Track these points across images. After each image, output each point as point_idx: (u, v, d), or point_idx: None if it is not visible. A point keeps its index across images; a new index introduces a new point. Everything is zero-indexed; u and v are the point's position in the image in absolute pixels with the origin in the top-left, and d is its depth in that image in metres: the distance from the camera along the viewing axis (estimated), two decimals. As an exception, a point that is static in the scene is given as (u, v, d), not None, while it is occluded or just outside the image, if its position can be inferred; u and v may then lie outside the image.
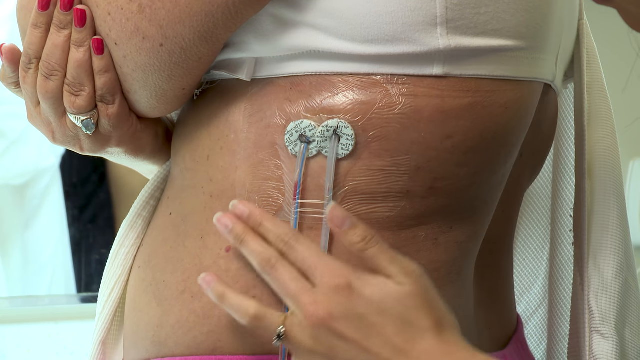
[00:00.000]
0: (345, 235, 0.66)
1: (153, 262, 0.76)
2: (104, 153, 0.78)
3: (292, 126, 0.69)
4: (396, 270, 0.65)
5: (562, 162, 0.91)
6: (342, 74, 0.68)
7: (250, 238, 0.68)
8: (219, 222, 0.69)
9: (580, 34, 0.83)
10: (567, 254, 0.90)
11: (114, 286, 0.80)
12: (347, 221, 0.66)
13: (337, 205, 0.67)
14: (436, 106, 0.68)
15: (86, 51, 0.71)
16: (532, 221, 0.96)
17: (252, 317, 0.67)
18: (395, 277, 0.65)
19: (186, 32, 0.68)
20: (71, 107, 0.73)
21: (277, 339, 0.66)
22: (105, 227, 1.89)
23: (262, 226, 0.68)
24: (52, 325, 1.82)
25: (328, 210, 0.66)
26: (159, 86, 0.71)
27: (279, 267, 0.66)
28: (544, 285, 0.95)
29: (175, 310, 0.72)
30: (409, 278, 0.64)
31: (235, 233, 0.68)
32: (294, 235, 0.67)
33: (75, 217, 1.88)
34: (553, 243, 0.93)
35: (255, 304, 0.67)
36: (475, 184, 0.72)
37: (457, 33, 0.67)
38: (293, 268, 0.66)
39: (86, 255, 1.89)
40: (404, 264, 0.65)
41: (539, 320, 0.96)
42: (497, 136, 0.71)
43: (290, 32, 0.68)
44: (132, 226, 0.81)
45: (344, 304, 0.64)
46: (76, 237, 1.88)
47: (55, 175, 1.84)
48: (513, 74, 0.70)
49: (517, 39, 0.69)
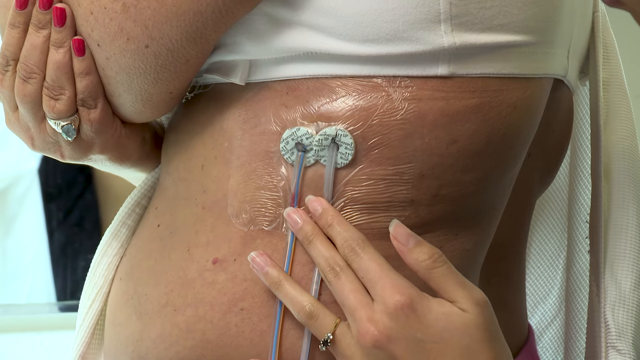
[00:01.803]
0: (410, 253, 0.67)
1: (135, 274, 0.77)
2: (87, 160, 0.79)
3: (288, 134, 0.70)
4: (464, 296, 0.66)
5: (579, 164, 0.91)
6: (341, 77, 0.69)
7: (319, 240, 0.70)
8: (289, 217, 0.70)
9: (595, 26, 0.83)
10: (584, 263, 0.91)
11: (94, 298, 0.81)
12: (412, 239, 0.67)
13: (399, 223, 0.68)
14: (441, 109, 0.69)
15: (66, 52, 0.71)
16: (548, 228, 0.97)
17: (307, 313, 0.68)
18: (462, 303, 0.66)
19: (173, 32, 0.69)
20: (50, 112, 0.73)
21: (322, 344, 0.68)
22: (92, 231, 1.90)
23: (332, 227, 0.70)
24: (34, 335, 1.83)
25: (392, 228, 0.68)
26: (145, 90, 0.72)
27: (342, 276, 0.68)
28: (560, 295, 0.96)
29: (156, 324, 0.74)
30: (477, 307, 0.66)
31: (304, 232, 0.70)
32: (362, 242, 0.68)
33: (60, 221, 1.89)
34: (569, 251, 0.94)
35: (312, 301, 0.69)
36: (482, 188, 0.73)
37: (462, 30, 0.68)
38: (356, 279, 0.68)
39: (72, 260, 1.90)
40: (472, 290, 0.67)
41: (555, 333, 0.97)
42: (505, 138, 0.72)
43: (285, 33, 0.69)
44: (115, 235, 0.82)
45: (403, 326, 0.65)
46: (61, 241, 1.89)
47: (33, 179, 1.86)
48: (522, 71, 0.71)
49: (525, 34, 0.70)
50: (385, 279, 0.66)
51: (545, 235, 0.97)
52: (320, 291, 0.71)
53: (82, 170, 1.87)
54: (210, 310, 0.72)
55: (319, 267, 0.69)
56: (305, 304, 0.69)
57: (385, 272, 0.67)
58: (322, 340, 0.68)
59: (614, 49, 0.85)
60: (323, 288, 0.71)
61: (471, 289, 0.67)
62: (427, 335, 0.65)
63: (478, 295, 0.67)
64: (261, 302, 0.71)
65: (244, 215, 0.72)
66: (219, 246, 0.73)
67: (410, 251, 0.67)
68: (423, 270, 0.67)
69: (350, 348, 0.67)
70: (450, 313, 0.66)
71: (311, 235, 0.70)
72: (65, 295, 1.90)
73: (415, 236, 0.68)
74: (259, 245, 0.72)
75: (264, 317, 0.71)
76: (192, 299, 0.73)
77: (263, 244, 0.72)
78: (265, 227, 0.72)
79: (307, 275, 0.71)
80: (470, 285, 0.67)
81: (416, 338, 0.65)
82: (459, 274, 0.67)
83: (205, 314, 0.72)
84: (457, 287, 0.66)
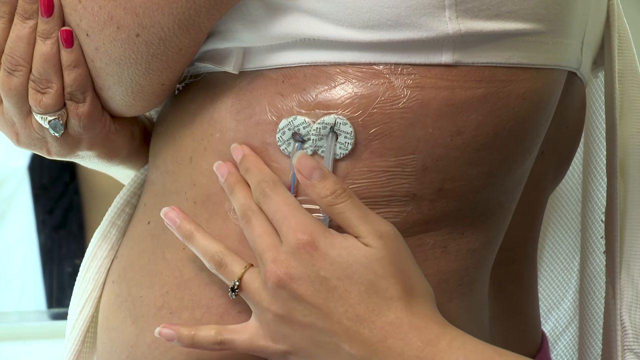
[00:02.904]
0: (313, 187, 0.67)
1: (128, 276, 0.77)
2: (74, 157, 0.79)
3: (284, 123, 0.70)
4: (367, 230, 0.66)
5: (593, 160, 0.91)
6: (340, 64, 0.69)
7: (238, 188, 0.70)
8: (218, 170, 0.71)
9: (611, 15, 0.83)
10: (600, 264, 0.91)
11: (84, 303, 0.81)
12: (317, 172, 0.67)
13: (306, 154, 0.68)
14: (445, 98, 0.69)
15: (53, 44, 0.72)
16: (561, 228, 0.97)
17: (215, 262, 0.70)
18: (365, 238, 0.66)
19: (165, 20, 0.69)
20: (37, 106, 0.73)
21: (230, 291, 0.69)
22: (77, 234, 1.90)
23: (248, 172, 0.70)
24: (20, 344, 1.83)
25: (295, 159, 0.68)
26: (136, 81, 0.72)
27: (253, 220, 0.69)
28: (575, 300, 0.96)
29: (152, 328, 0.73)
30: (380, 240, 0.66)
31: (228, 183, 0.71)
32: (272, 183, 0.69)
33: (45, 223, 1.89)
34: (584, 252, 0.93)
35: (222, 249, 0.70)
36: (489, 184, 0.72)
37: (467, 16, 0.68)
38: (267, 222, 0.68)
39: (57, 265, 1.89)
40: (377, 223, 0.67)
41: (570, 340, 0.96)
42: (513, 131, 0.71)
43: (282, 18, 0.69)
44: (105, 236, 0.82)
45: (305, 264, 0.66)
46: (47, 245, 1.89)
47: (23, 178, 1.85)
48: (532, 61, 0.71)
49: (535, 22, 0.70)
50: (290, 218, 0.67)
51: (558, 235, 0.96)
52: None
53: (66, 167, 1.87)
54: (208, 313, 0.72)
55: (237, 213, 0.70)
56: (214, 252, 0.70)
57: (292, 212, 0.67)
58: (230, 288, 0.69)
59: (628, 39, 0.85)
60: None
61: (376, 222, 0.67)
62: (330, 273, 0.66)
63: (383, 228, 0.67)
64: None
65: None
66: None
67: (314, 186, 0.67)
68: (325, 207, 0.67)
69: (258, 292, 0.68)
70: (352, 248, 0.66)
71: (233, 184, 0.70)
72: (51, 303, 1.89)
73: (321, 169, 0.68)
74: None
75: None
76: (188, 301, 0.73)
77: None
78: None
79: None
80: (376, 218, 0.67)
81: (320, 276, 0.66)
82: (363, 208, 0.67)
83: (202, 317, 0.72)
84: (359, 222, 0.66)
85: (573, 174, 0.94)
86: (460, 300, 0.74)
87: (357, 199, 0.68)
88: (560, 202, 0.95)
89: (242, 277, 0.69)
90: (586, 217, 0.93)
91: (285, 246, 0.67)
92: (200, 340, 0.70)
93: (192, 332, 0.70)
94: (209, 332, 0.70)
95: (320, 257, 0.66)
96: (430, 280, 0.71)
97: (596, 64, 0.86)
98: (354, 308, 0.65)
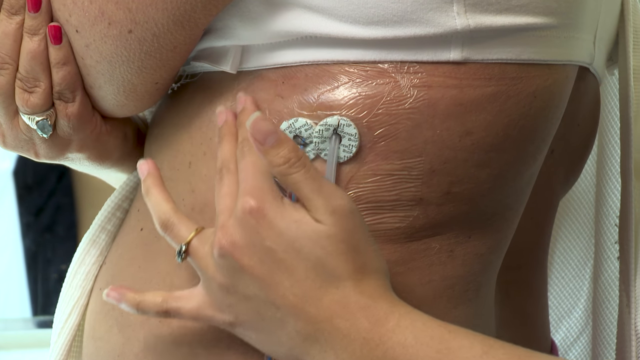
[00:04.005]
0: (266, 154, 0.66)
1: (117, 283, 0.77)
2: (64, 159, 0.79)
3: (285, 126, 0.70)
4: (319, 204, 0.65)
5: (607, 161, 0.91)
6: (343, 63, 0.69)
7: (226, 140, 0.69)
8: (219, 115, 0.71)
9: (625, 9, 0.83)
10: (614, 271, 0.91)
11: (71, 311, 0.81)
12: (272, 137, 0.65)
13: (263, 117, 0.67)
14: (453, 98, 0.69)
15: (41, 40, 0.72)
16: (573, 232, 0.97)
17: (162, 222, 0.69)
18: (316, 212, 0.65)
19: (159, 15, 0.69)
20: (24, 106, 0.73)
21: (177, 255, 0.68)
22: (67, 237, 1.89)
23: (241, 126, 0.69)
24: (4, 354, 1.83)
25: (249, 122, 0.66)
26: (128, 80, 0.72)
27: (225, 178, 0.68)
28: (587, 308, 0.96)
29: (140, 337, 0.74)
30: (332, 216, 0.65)
31: (220, 132, 0.70)
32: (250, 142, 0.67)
33: (30, 226, 1.88)
34: (597, 258, 0.93)
35: (173, 209, 0.69)
36: (498, 187, 0.72)
37: (476, 10, 0.68)
38: (237, 182, 0.67)
39: (43, 271, 1.88)
40: (331, 197, 0.65)
41: (582, 349, 0.96)
42: (524, 131, 0.71)
43: (282, 15, 0.69)
44: (94, 241, 0.82)
45: (250, 233, 0.65)
46: (32, 249, 1.88)
47: (7, 181, 1.85)
48: (543, 57, 0.71)
49: (546, 16, 0.70)
50: (249, 180, 0.66)
51: (570, 241, 0.97)
52: None
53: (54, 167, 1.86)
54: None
55: None
56: (163, 211, 0.69)
57: (254, 174, 0.66)
58: (177, 251, 0.68)
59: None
60: None
61: (331, 196, 0.65)
62: (277, 244, 0.65)
63: (337, 203, 0.65)
64: None
65: None
66: None
67: (267, 152, 0.66)
68: (278, 176, 0.66)
69: (205, 259, 0.67)
70: (301, 221, 0.65)
71: (223, 135, 0.70)
72: (36, 310, 1.89)
73: (278, 134, 0.65)
74: None
75: None
76: None
77: None
78: None
79: None
80: (331, 191, 0.66)
81: (265, 246, 0.65)
82: (320, 179, 0.66)
83: (193, 326, 0.72)
84: (313, 195, 0.65)
85: (586, 176, 0.94)
86: (466, 307, 0.74)
87: (313, 168, 0.66)
88: (573, 206, 0.95)
89: (190, 241, 0.68)
90: (600, 222, 0.93)
91: (235, 211, 0.66)
92: (146, 306, 0.69)
93: (139, 298, 0.69)
94: (156, 298, 0.69)
95: (268, 226, 0.65)
96: (436, 286, 0.71)
97: (612, 60, 0.85)
98: (300, 284, 0.65)
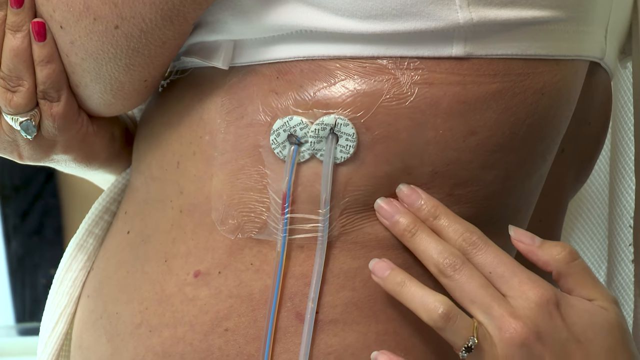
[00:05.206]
0: (541, 250, 0.70)
1: (105, 290, 0.77)
2: (49, 161, 0.79)
3: (279, 124, 0.70)
4: (602, 293, 0.69)
5: (620, 160, 0.91)
6: (340, 59, 0.69)
7: (425, 233, 0.70)
8: (381, 208, 0.71)
9: (638, 0, 0.84)
10: (628, 274, 0.91)
11: (58, 319, 0.81)
12: (536, 238, 0.71)
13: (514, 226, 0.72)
14: (456, 95, 0.69)
15: (24, 37, 0.71)
16: (586, 234, 0.97)
17: (441, 315, 0.68)
18: (601, 301, 0.69)
19: (146, 10, 0.69)
20: (7, 106, 0.73)
21: (464, 350, 0.67)
22: (54, 240, 1.89)
23: (439, 219, 0.70)
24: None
25: (512, 232, 0.71)
26: (115, 78, 0.72)
27: (465, 270, 0.69)
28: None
29: (129, 347, 0.74)
30: (616, 306, 0.69)
31: (404, 224, 0.70)
32: (483, 236, 0.70)
33: (17, 229, 1.88)
34: (611, 261, 0.93)
35: (445, 300, 0.68)
36: (505, 189, 0.72)
37: (480, 3, 0.67)
38: (481, 273, 0.69)
39: (31, 276, 1.88)
40: (604, 287, 0.70)
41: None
42: (531, 130, 0.71)
43: (276, 8, 0.69)
44: (81, 246, 0.82)
45: (548, 323, 0.67)
46: (18, 253, 1.88)
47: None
48: (551, 52, 0.70)
49: (554, 9, 0.69)
50: (520, 273, 0.68)
51: (583, 242, 0.96)
52: (317, 309, 0.71)
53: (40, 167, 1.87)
54: (190, 331, 0.72)
55: (428, 262, 0.69)
56: (439, 304, 0.68)
57: (518, 267, 0.69)
58: (464, 346, 0.67)
59: None
60: (320, 306, 0.71)
61: (602, 285, 0.70)
62: (570, 334, 0.67)
63: (612, 294, 0.70)
64: (248, 321, 0.71)
65: (230, 221, 0.72)
66: (201, 257, 0.72)
67: (541, 248, 0.70)
68: (561, 265, 0.69)
69: (491, 350, 0.67)
70: (592, 311, 0.68)
71: (414, 227, 0.70)
72: (24, 317, 1.89)
73: (532, 234, 0.71)
74: (247, 255, 0.71)
75: (251, 339, 0.71)
76: (169, 318, 0.73)
77: (252, 254, 0.71)
78: (254, 234, 0.71)
79: (301, 291, 0.71)
80: (599, 281, 0.70)
81: (561, 338, 0.67)
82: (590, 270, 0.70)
83: (184, 335, 0.72)
84: (595, 284, 0.69)
85: (599, 175, 0.94)
86: None
87: None
88: (585, 206, 0.95)
89: (477, 333, 0.68)
90: (613, 223, 0.92)
91: (522, 301, 0.67)
92: None
93: None
94: None
95: (560, 317, 0.68)
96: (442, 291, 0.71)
97: (624, 53, 0.85)
98: None
